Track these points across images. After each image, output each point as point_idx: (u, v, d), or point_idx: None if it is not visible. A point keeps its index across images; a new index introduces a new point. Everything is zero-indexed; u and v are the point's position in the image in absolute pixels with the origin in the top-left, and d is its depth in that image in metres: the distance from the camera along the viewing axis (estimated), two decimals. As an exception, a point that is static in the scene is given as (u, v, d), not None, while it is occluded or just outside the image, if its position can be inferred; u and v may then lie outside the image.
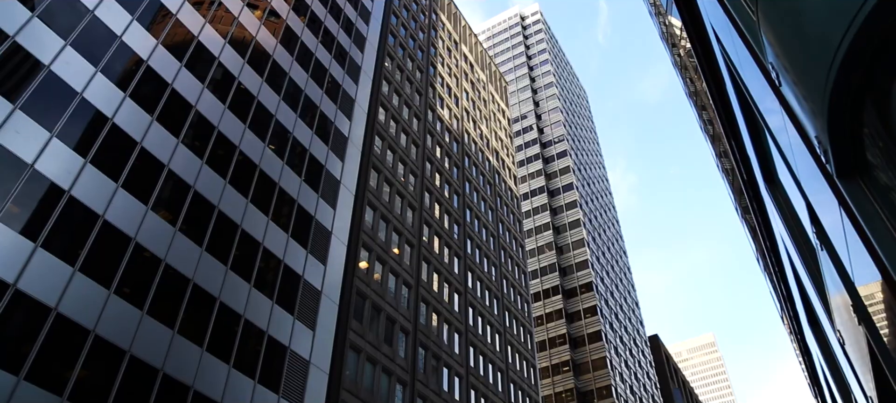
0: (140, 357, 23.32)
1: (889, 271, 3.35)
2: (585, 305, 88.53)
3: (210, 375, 25.98)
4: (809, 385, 19.58)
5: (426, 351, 43.61)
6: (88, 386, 21.48)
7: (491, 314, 55.84)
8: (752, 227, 15.84)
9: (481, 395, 48.54)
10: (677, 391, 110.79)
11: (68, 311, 21.34)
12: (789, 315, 14.69)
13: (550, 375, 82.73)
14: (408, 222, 48.23)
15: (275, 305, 30.65)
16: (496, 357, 53.43)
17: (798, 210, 7.18)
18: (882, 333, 4.30)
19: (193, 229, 27.92)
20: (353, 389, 34.86)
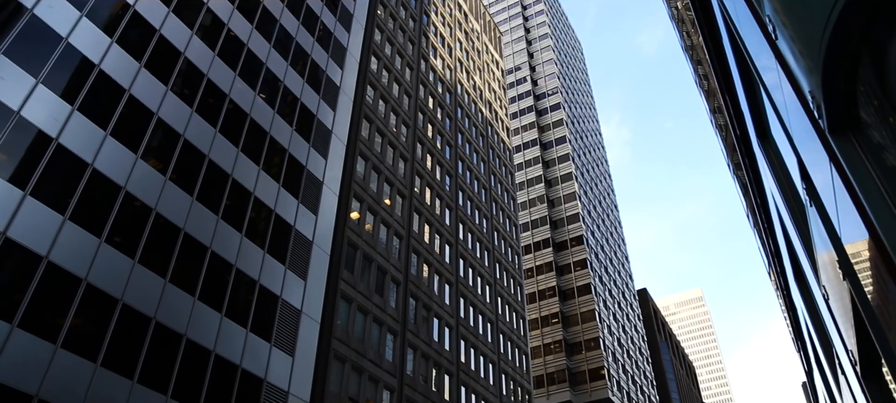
0: (132, 305, 23.45)
1: (876, 228, 3.36)
2: (575, 258, 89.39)
3: (202, 324, 26.20)
4: (793, 340, 19.97)
5: (417, 302, 44.07)
6: (82, 334, 21.63)
7: (482, 265, 56.33)
8: (744, 184, 15.91)
9: (471, 345, 49.32)
10: (664, 344, 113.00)
11: (59, 260, 21.34)
12: (776, 271, 14.88)
13: (539, 326, 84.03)
14: (399, 173, 48.16)
15: (266, 255, 30.76)
16: (486, 308, 54.11)
17: (789, 166, 7.19)
18: (866, 289, 4.35)
19: (184, 178, 27.77)
20: (344, 338, 35.31)
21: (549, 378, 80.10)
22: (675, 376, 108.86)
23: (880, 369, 5.34)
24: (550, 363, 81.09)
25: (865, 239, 3.72)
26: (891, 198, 3.21)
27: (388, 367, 38.32)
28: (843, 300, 5.30)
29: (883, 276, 3.60)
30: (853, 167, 3.82)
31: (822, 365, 11.74)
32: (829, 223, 5.04)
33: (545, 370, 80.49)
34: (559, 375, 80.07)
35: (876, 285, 3.95)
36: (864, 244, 3.84)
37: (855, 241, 4.20)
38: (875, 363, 5.35)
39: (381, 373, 37.36)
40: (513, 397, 53.53)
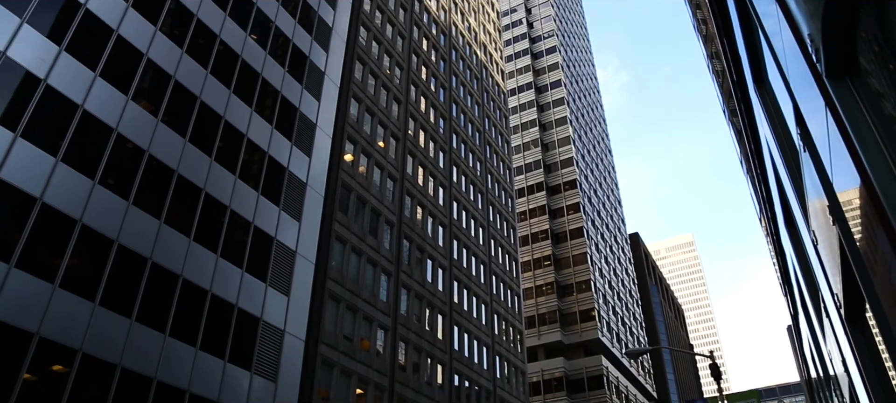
0: (128, 246, 23.56)
1: (869, 175, 3.40)
2: (569, 202, 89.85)
3: (198, 264, 26.40)
4: (781, 285, 20.33)
5: (411, 243, 44.43)
6: (79, 275, 21.79)
7: (475, 208, 56.61)
8: (739, 130, 15.92)
9: (464, 286, 49.99)
10: (654, 287, 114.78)
11: (54, 201, 21.32)
12: (767, 217, 15.04)
13: (532, 268, 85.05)
14: (393, 115, 47.84)
15: (260, 196, 30.79)
16: (479, 250, 54.63)
17: (785, 111, 7.20)
18: (854, 234, 4.42)
19: (176, 120, 27.53)
20: (338, 278, 35.70)
21: (540, 319, 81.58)
22: (663, 318, 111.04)
23: (864, 312, 5.47)
24: (542, 304, 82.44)
25: (857, 185, 3.77)
26: (886, 146, 3.24)
27: (383, 307, 38.89)
28: (831, 245, 5.39)
29: (872, 222, 3.66)
30: (849, 113, 3.84)
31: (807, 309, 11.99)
32: (822, 169, 5.09)
33: (537, 310, 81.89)
34: (550, 316, 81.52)
35: (865, 231, 4.02)
36: (856, 190, 3.89)
37: (847, 187, 4.26)
38: (859, 306, 5.48)
39: (375, 313, 37.94)
40: (505, 336, 54.61)
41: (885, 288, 3.87)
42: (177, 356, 24.48)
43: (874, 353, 5.56)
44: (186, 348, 24.96)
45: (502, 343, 53.54)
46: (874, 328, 5.16)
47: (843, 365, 7.86)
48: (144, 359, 23.15)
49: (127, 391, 22.33)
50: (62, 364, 20.82)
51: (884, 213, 3.28)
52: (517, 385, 53.95)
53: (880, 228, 3.43)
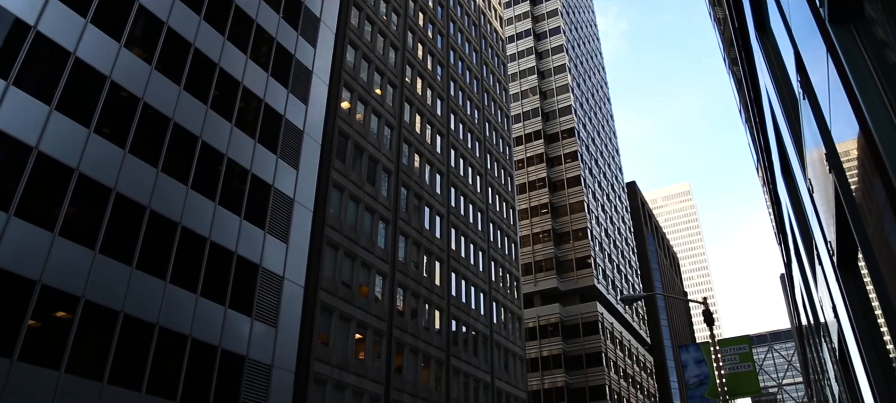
0: (126, 194, 23.59)
1: (868, 123, 3.41)
2: (566, 150, 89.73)
3: (196, 212, 26.49)
4: (775, 234, 20.51)
5: (408, 191, 44.53)
6: (78, 224, 21.87)
7: (472, 156, 56.54)
8: (739, 79, 15.81)
9: (462, 234, 50.32)
10: (650, 236, 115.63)
11: (49, 150, 21.23)
12: (765, 166, 15.07)
13: (529, 217, 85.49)
14: (390, 62, 47.31)
15: (257, 144, 30.69)
16: (477, 197, 54.80)
17: (786, 59, 7.15)
18: (850, 182, 4.45)
19: (170, 68, 27.20)
20: (337, 226, 35.89)
21: (536, 266, 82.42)
22: (659, 266, 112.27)
23: (856, 260, 5.55)
24: (539, 251, 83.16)
25: (855, 133, 3.77)
26: (887, 95, 3.24)
27: (381, 254, 39.22)
28: (827, 193, 5.43)
29: (869, 171, 3.69)
30: (851, 60, 3.82)
31: (800, 257, 12.13)
32: (821, 117, 5.09)
33: (533, 258, 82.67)
34: (547, 263, 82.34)
35: (861, 179, 4.05)
36: (854, 139, 3.91)
37: (845, 136, 4.27)
38: (851, 254, 5.56)
39: (373, 260, 38.27)
40: (501, 283, 55.26)
41: (878, 235, 3.92)
42: (178, 302, 24.78)
43: (864, 300, 5.67)
44: (187, 295, 25.26)
45: (499, 290, 54.23)
46: (865, 275, 5.24)
47: (833, 312, 8.01)
48: (146, 306, 23.45)
49: (130, 337, 22.68)
50: (65, 310, 21.09)
51: (881, 162, 3.30)
52: (513, 331, 54.87)
53: (876, 177, 3.46)
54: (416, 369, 39.99)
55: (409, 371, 39.26)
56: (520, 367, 54.07)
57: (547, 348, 75.85)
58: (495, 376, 49.13)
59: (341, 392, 33.17)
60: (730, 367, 19.01)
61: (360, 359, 35.35)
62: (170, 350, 24.11)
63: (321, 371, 31.99)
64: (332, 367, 32.74)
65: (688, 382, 20.41)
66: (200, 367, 25.10)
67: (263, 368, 27.91)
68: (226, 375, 26.13)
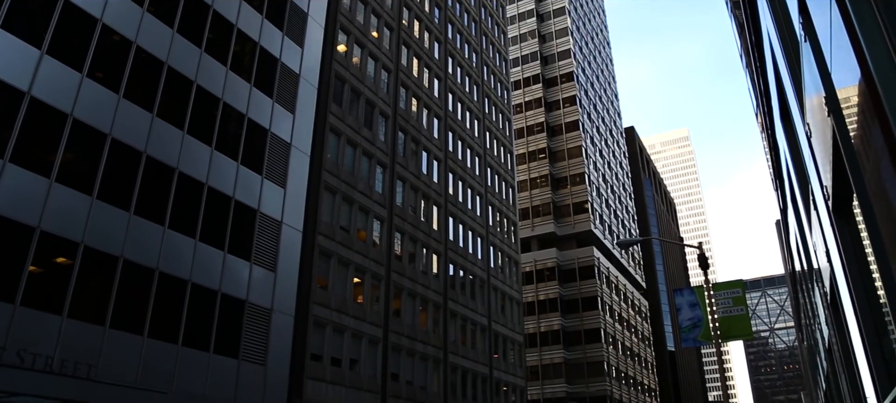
0: (121, 139, 23.45)
1: (869, 67, 3.37)
2: (565, 95, 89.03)
3: (193, 157, 26.40)
4: (772, 179, 20.55)
5: (405, 135, 44.34)
6: (75, 170, 21.81)
7: (470, 100, 56.09)
8: (740, 22, 15.57)
9: (459, 179, 50.35)
10: (647, 181, 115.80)
11: (42, 95, 21.00)
12: (763, 111, 14.99)
13: (527, 161, 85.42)
14: (387, 4, 46.42)
15: (253, 88, 30.38)
16: (474, 142, 54.62)
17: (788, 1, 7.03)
18: (849, 127, 4.43)
19: (163, 10, 26.67)
20: (334, 170, 35.85)
21: (534, 211, 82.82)
22: (655, 212, 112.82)
23: (851, 204, 5.57)
24: (536, 196, 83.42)
25: (856, 77, 3.74)
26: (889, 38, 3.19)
27: (378, 198, 39.31)
28: (824, 137, 5.42)
29: (868, 116, 3.67)
30: (855, 2, 3.75)
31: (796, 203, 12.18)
32: (822, 60, 5.03)
33: (531, 202, 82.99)
34: (544, 208, 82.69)
35: (859, 123, 4.03)
36: (855, 84, 3.87)
37: (845, 79, 4.23)
38: (847, 198, 5.58)
39: (371, 204, 38.39)
40: (499, 227, 55.60)
41: (874, 180, 3.93)
42: (177, 248, 24.94)
43: (857, 244, 5.71)
44: (186, 240, 25.39)
45: (496, 234, 54.59)
46: (859, 220, 5.27)
47: (826, 257, 8.09)
48: (145, 251, 23.60)
49: (130, 282, 22.90)
50: (65, 256, 21.22)
51: (881, 107, 3.27)
52: (510, 275, 55.49)
53: (875, 121, 3.44)
54: (414, 312, 40.58)
55: (407, 314, 39.84)
56: (516, 311, 54.90)
57: (543, 292, 76.87)
58: (492, 319, 49.93)
59: (340, 334, 33.72)
60: (723, 311, 19.31)
61: (359, 303, 35.81)
62: (170, 295, 24.39)
63: (320, 315, 32.45)
64: (331, 310, 33.20)
65: (681, 325, 20.75)
66: (201, 311, 25.44)
67: (263, 312, 28.29)
68: (226, 319, 26.51)
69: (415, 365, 39.38)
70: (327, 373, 32.07)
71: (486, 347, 47.97)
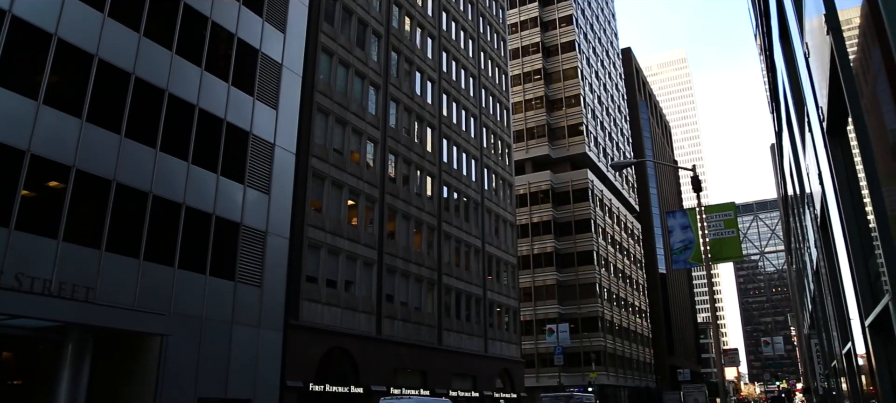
0: (109, 60, 22.96)
1: (871, -17, 3.25)
2: (561, 14, 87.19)
3: (183, 78, 25.95)
4: (769, 102, 20.39)
5: (399, 56, 43.59)
6: (62, 91, 21.46)
7: (465, 19, 54.88)
8: (742, -67, 15.06)
9: (453, 100, 49.85)
10: (643, 103, 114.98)
11: (24, 14, 20.38)
12: (763, 31, 14.70)
13: (522, 82, 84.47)
14: (379, -81, 44.70)
15: (242, 6, 29.58)
16: (469, 62, 53.80)
17: (793, -86, 6.76)
18: (848, 45, 4.34)
19: (144, -79, 25.60)
20: (326, 92, 35.39)
21: (528, 133, 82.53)
22: (650, 135, 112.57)
23: (845, 126, 5.53)
24: (531, 118, 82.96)
25: None
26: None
27: (372, 120, 39.00)
28: (823, 57, 5.32)
29: (867, 36, 3.58)
30: (860, -86, 3.60)
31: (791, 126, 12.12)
32: (824, -24, 4.87)
33: (525, 124, 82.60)
34: (539, 130, 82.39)
35: (859, 44, 3.93)
36: (857, 4, 3.76)
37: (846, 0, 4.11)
38: (841, 120, 5.53)
39: (364, 126, 38.11)
40: (493, 149, 55.50)
41: (870, 101, 3.87)
42: (170, 171, 24.84)
43: (849, 166, 5.70)
44: (178, 162, 25.27)
45: (490, 156, 54.55)
46: (853, 141, 5.24)
47: (819, 179, 8.10)
48: (138, 175, 23.51)
49: (124, 206, 22.91)
50: (57, 180, 21.15)
51: (881, 26, 3.18)
52: (504, 197, 55.80)
53: (875, 41, 3.36)
54: (408, 234, 40.95)
55: (402, 236, 40.22)
56: (510, 233, 55.49)
57: (537, 214, 77.53)
58: (486, 241, 50.50)
59: (335, 256, 34.10)
60: (714, 233, 19.52)
61: (353, 225, 36.07)
62: (165, 218, 24.47)
63: (315, 237, 32.72)
64: (325, 233, 33.46)
65: (673, 246, 21.00)
66: (196, 235, 25.59)
67: (258, 234, 28.49)
68: (221, 242, 26.70)
69: (409, 287, 40.06)
70: (323, 295, 32.63)
71: (479, 269, 48.73)
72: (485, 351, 47.42)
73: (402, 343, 38.16)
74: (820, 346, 18.67)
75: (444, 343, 42.50)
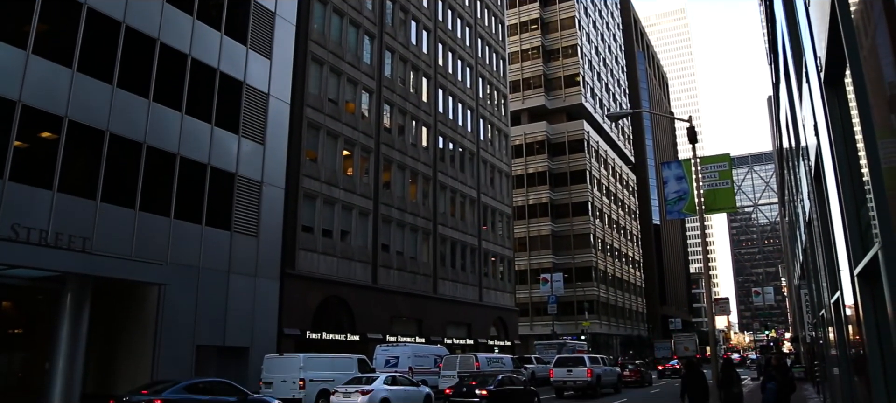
0: (98, 9, 22.52)
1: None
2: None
3: (174, 28, 25.53)
4: (767, 54, 20.23)
5: (394, 4, 42.85)
6: (52, 41, 21.15)
7: (461, -32, 53.80)
8: None
9: (449, 49, 49.25)
10: (640, 54, 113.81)
11: (8, -45, 19.91)
12: (763, -24, 14.49)
13: (518, 32, 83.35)
14: None
15: (233, -47, 28.92)
16: (465, 12, 52.95)
17: None
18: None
19: None
20: (321, 41, 34.90)
21: (524, 83, 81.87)
22: (647, 86, 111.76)
23: (843, 76, 5.51)
24: (527, 68, 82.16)
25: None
26: None
27: (367, 70, 38.58)
28: (823, 6, 5.27)
29: (868, -18, 3.54)
30: None
31: (788, 76, 12.07)
32: (827, -77, 4.79)
33: (521, 75, 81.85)
34: (535, 80, 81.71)
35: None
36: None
37: (849, -57, 4.05)
38: (839, 70, 5.51)
39: (359, 76, 37.72)
40: (489, 100, 55.12)
41: (869, 51, 3.86)
42: (163, 121, 24.66)
43: (845, 116, 5.71)
44: (172, 113, 25.06)
45: (486, 107, 54.21)
46: (850, 92, 5.24)
47: (814, 131, 8.11)
48: (131, 125, 23.33)
49: (119, 156, 22.80)
50: (50, 131, 20.99)
51: (882, -27, 3.15)
52: (500, 148, 55.68)
53: (875, -11, 3.32)
54: (404, 184, 40.98)
55: (397, 186, 40.24)
56: (505, 183, 55.57)
57: (532, 165, 77.51)
58: (481, 191, 50.60)
59: (331, 206, 34.17)
60: (709, 184, 19.59)
61: (349, 175, 36.04)
62: (159, 169, 24.39)
63: (310, 188, 32.72)
64: (321, 183, 33.45)
65: (667, 197, 21.10)
66: (191, 185, 25.55)
67: (253, 185, 28.47)
68: (217, 192, 26.69)
69: (405, 236, 40.28)
70: (319, 244, 32.80)
71: (475, 219, 48.94)
72: (480, 300, 48.01)
73: (397, 292, 38.57)
74: (809, 296, 18.98)
75: (439, 292, 42.97)
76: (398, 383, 21.24)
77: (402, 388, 21.20)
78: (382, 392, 19.87)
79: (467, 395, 19.28)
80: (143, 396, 13.61)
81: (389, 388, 20.38)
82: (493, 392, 19.27)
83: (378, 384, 20.04)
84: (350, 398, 19.38)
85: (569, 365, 29.59)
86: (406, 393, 21.24)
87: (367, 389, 19.50)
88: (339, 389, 20.12)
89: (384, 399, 19.80)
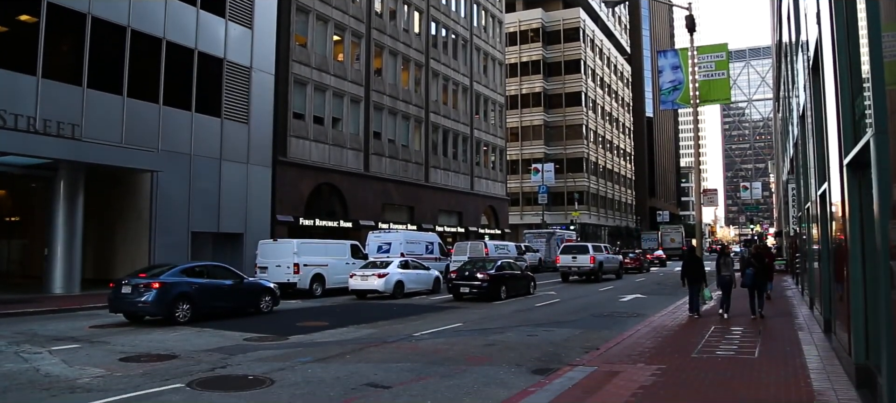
0: None
1: None
2: None
3: None
4: None
5: None
6: None
7: None
8: None
9: (443, -68, 47.03)
10: None
11: None
12: None
13: (515, -88, 79.46)
14: None
15: None
16: None
17: None
18: None
19: None
20: (308, -80, 33.18)
21: None
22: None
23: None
24: (524, -47, 78.94)
25: None
26: None
27: (355, 12, 36.79)
28: None
29: None
30: None
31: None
32: None
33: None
34: None
35: None
36: None
37: None
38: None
39: (347, 20, 36.07)
40: (482, 25, 53.31)
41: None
42: (148, 4, 23.87)
43: (850, 4, 5.60)
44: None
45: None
46: (857, -22, 5.11)
47: (816, 20, 8.00)
48: (114, 8, 22.57)
49: (103, 41, 22.19)
50: (28, 14, 20.32)
51: None
52: (494, 35, 54.41)
53: None
54: (396, 71, 40.31)
55: (389, 72, 39.58)
56: (499, 71, 54.73)
57: (527, 54, 76.11)
58: (474, 79, 49.91)
59: (322, 93, 33.71)
60: (704, 74, 19.39)
61: (339, 61, 35.34)
62: (146, 54, 23.82)
63: (300, 73, 32.14)
64: (311, 69, 32.83)
65: (662, 87, 20.94)
66: (179, 70, 25.04)
67: (242, 70, 27.94)
68: (205, 78, 26.22)
69: (397, 124, 40.06)
70: (310, 131, 32.63)
71: (467, 107, 48.55)
72: (471, 189, 48.48)
73: (389, 180, 38.82)
74: (796, 190, 19.30)
75: (430, 180, 43.29)
76: (410, 267, 22.94)
77: (414, 272, 22.92)
78: (397, 275, 21.45)
79: (469, 279, 20.53)
80: (142, 279, 13.89)
81: (403, 272, 22.04)
82: (493, 275, 20.48)
83: (392, 267, 21.61)
84: (367, 280, 20.95)
85: (574, 253, 32.19)
86: (418, 276, 22.92)
87: (383, 272, 21.03)
88: (357, 272, 21.53)
89: (398, 281, 21.40)
